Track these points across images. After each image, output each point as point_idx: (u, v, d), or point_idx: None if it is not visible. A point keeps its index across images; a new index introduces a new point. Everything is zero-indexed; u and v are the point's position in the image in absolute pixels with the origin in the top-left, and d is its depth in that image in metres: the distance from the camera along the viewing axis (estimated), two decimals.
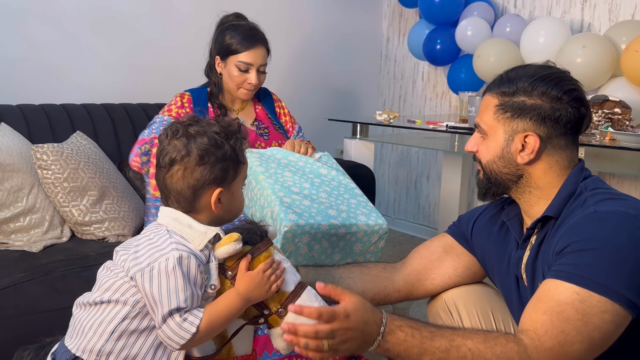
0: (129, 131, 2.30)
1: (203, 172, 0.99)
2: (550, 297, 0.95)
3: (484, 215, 1.29)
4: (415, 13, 3.33)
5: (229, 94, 1.93)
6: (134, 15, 2.56)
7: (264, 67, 1.89)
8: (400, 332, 0.97)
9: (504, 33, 2.66)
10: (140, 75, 2.60)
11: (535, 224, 1.10)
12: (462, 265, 1.30)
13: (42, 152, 1.82)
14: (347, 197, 1.53)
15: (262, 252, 1.05)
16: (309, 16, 3.23)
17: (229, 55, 1.86)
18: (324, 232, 1.38)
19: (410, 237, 3.50)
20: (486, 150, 1.13)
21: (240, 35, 1.85)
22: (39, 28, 2.33)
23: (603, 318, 0.91)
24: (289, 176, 1.55)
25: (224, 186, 1.01)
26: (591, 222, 0.98)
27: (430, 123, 2.45)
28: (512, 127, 1.08)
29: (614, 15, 2.56)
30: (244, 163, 1.05)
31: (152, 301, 0.94)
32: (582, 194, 1.05)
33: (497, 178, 1.13)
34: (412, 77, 3.50)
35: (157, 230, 1.00)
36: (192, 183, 1.00)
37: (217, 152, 0.99)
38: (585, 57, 2.22)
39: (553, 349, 0.92)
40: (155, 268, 0.93)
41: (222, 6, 2.05)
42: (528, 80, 1.07)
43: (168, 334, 0.93)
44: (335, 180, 1.60)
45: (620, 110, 1.98)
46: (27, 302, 1.59)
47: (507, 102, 1.08)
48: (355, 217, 1.44)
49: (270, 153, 1.66)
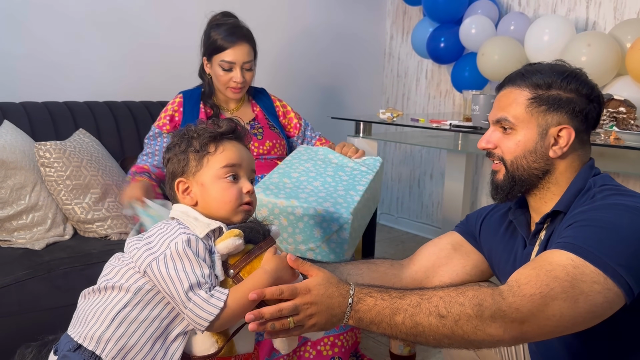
0: (132, 129, 2.30)
1: (168, 169, 1.08)
2: (543, 259, 0.95)
3: (493, 214, 1.29)
4: (419, 11, 3.32)
5: (221, 95, 1.92)
6: (137, 13, 2.56)
7: (249, 65, 1.85)
8: (369, 298, 0.96)
9: (508, 31, 2.65)
10: (143, 73, 2.60)
11: (544, 219, 1.10)
12: (471, 263, 1.29)
13: (44, 149, 1.82)
14: (342, 188, 1.56)
15: (265, 251, 1.05)
16: (312, 14, 3.22)
17: (213, 54, 1.85)
18: (280, 208, 1.43)
19: (413, 236, 3.49)
20: (514, 146, 1.10)
21: (223, 33, 1.84)
22: (42, 26, 2.33)
23: (592, 287, 0.89)
24: (304, 166, 1.61)
25: (185, 177, 1.06)
26: (596, 208, 0.99)
27: (433, 121, 2.44)
28: (546, 121, 1.08)
29: (619, 14, 2.54)
30: (212, 152, 1.05)
31: (171, 284, 0.94)
32: (591, 190, 1.06)
33: (524, 175, 1.10)
34: (415, 75, 3.49)
35: (169, 222, 1.03)
36: (166, 179, 1.09)
37: (176, 147, 1.06)
38: (590, 55, 2.21)
39: (533, 296, 0.89)
40: (168, 253, 0.95)
41: (225, 4, 2.05)
42: (560, 75, 1.08)
43: (196, 312, 0.92)
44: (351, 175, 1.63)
45: (625, 109, 1.96)
46: (29, 300, 1.59)
47: (542, 96, 1.08)
48: (321, 204, 1.46)
49: (317, 150, 1.78)
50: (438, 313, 0.92)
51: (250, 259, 1.05)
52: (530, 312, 0.89)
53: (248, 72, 1.87)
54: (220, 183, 1.05)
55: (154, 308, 0.98)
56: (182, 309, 0.94)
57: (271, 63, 1.94)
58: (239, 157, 1.07)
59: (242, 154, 1.08)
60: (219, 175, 1.05)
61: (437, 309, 0.93)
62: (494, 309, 0.90)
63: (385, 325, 0.95)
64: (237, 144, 1.09)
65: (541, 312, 0.89)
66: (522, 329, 0.90)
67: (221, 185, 1.05)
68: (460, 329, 0.91)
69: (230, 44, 1.82)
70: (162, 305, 0.98)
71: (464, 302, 0.92)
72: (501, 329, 0.90)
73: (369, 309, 0.95)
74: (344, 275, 1.27)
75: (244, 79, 1.85)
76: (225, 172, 1.05)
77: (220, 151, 1.06)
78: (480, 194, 3.20)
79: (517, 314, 0.89)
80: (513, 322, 0.89)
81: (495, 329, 0.90)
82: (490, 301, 0.90)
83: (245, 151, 1.10)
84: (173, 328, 1.00)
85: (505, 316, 0.89)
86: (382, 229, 3.60)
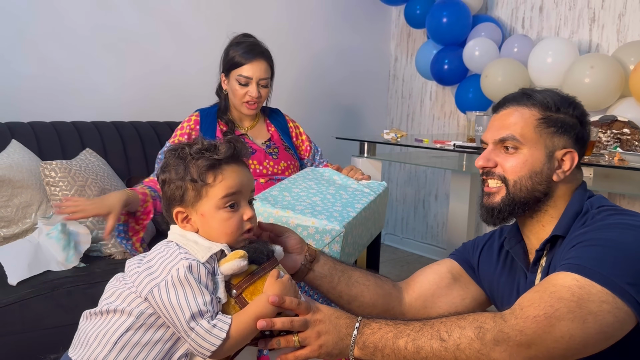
0: (138, 149, 2.32)
1: (165, 193, 1.04)
2: (547, 281, 0.92)
3: (489, 246, 1.26)
4: (423, 33, 3.36)
5: (237, 111, 1.94)
6: (145, 35, 2.60)
7: (265, 81, 1.88)
8: (374, 323, 0.97)
9: (511, 53, 2.67)
10: (150, 93, 2.63)
11: (544, 245, 1.08)
12: (470, 295, 1.26)
13: (50, 168, 1.84)
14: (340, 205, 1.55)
15: (268, 272, 1.05)
16: (319, 36, 3.27)
17: (231, 70, 1.88)
18: (275, 217, 1.43)
19: (418, 257, 3.47)
20: (520, 165, 1.07)
21: (242, 49, 1.88)
22: (50, 46, 2.37)
23: (601, 307, 0.86)
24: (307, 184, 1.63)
25: (184, 206, 1.02)
26: (598, 228, 0.98)
27: (437, 142, 2.44)
28: (553, 143, 1.07)
29: (622, 36, 2.56)
30: (211, 183, 1.01)
31: (173, 313, 0.93)
32: (589, 212, 1.04)
33: (525, 197, 1.07)
34: (420, 97, 3.51)
35: (168, 245, 1.01)
36: (165, 203, 1.05)
37: (172, 174, 1.02)
38: (594, 77, 2.22)
39: (537, 317, 0.85)
40: (169, 280, 0.94)
41: (233, 27, 2.08)
42: (566, 100, 1.09)
43: (198, 342, 0.92)
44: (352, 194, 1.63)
45: (629, 131, 1.97)
46: (32, 318, 1.59)
47: (552, 117, 1.07)
48: (316, 216, 1.45)
49: (323, 171, 1.78)
50: (439, 337, 0.91)
51: (254, 279, 1.04)
52: (535, 334, 0.86)
53: (264, 88, 1.89)
54: (221, 213, 1.02)
55: (157, 331, 0.97)
56: (185, 338, 0.93)
57: (277, 84, 1.95)
58: (239, 184, 1.04)
59: (241, 179, 1.04)
60: (218, 206, 1.02)
61: (439, 333, 0.92)
62: (495, 331, 0.88)
63: (389, 350, 0.94)
64: (235, 167, 1.05)
65: (548, 333, 0.86)
66: (530, 353, 0.87)
67: (222, 216, 1.02)
68: (462, 353, 0.89)
69: (247, 60, 1.86)
70: (165, 328, 0.97)
71: (464, 325, 0.90)
72: (506, 354, 0.87)
73: (373, 332, 0.95)
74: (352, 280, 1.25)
75: (259, 94, 1.87)
76: (225, 201, 1.02)
77: (219, 180, 1.02)
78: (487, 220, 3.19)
79: (521, 337, 0.86)
80: (519, 347, 0.86)
81: (500, 353, 0.87)
82: (491, 323, 0.89)
83: (244, 173, 1.06)
84: (175, 350, 0.99)
85: (509, 339, 0.87)
86: (386, 250, 3.58)
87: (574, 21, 2.72)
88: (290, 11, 3.12)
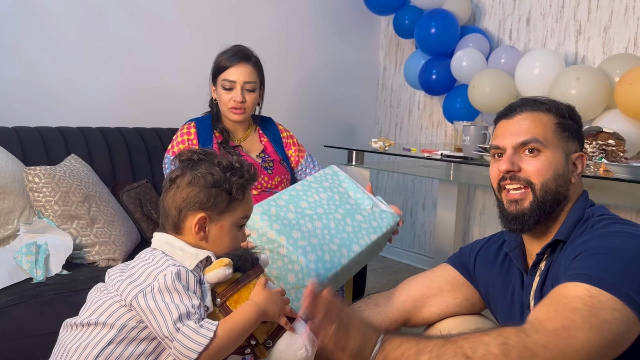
0: (124, 155, 2.30)
1: (190, 194, 1.01)
2: (557, 293, 0.92)
3: (487, 247, 1.27)
4: (412, 44, 3.38)
5: (228, 120, 1.92)
6: (132, 40, 2.59)
7: (250, 86, 1.85)
8: (396, 338, 0.96)
9: (498, 64, 2.69)
10: (137, 99, 2.61)
11: (545, 249, 1.09)
12: (462, 295, 1.28)
13: (33, 174, 1.82)
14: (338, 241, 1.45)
15: (252, 280, 1.04)
16: (308, 45, 3.27)
17: (217, 76, 1.87)
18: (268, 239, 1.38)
19: (405, 266, 3.47)
20: (546, 167, 1.06)
21: (227, 54, 1.87)
22: (37, 51, 2.34)
23: (613, 315, 0.86)
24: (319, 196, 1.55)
25: (209, 214, 1.01)
26: (600, 236, 0.99)
27: (425, 151, 2.45)
28: (568, 147, 1.10)
29: (607, 48, 2.59)
30: (240, 200, 1.04)
31: (159, 315, 0.91)
32: (590, 219, 1.06)
33: (552, 199, 1.06)
34: (408, 106, 3.53)
35: (153, 253, 1.00)
36: (179, 203, 1.01)
37: (208, 177, 1.01)
38: (579, 89, 2.24)
39: (556, 330, 0.86)
40: (156, 286, 0.93)
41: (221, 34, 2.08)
42: (570, 107, 1.13)
43: (184, 343, 0.90)
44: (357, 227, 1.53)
45: (614, 142, 1.99)
46: (13, 327, 1.56)
47: (566, 122, 1.10)
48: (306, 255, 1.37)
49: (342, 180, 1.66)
50: (464, 354, 0.88)
51: (238, 287, 1.03)
52: (557, 347, 0.85)
53: (250, 93, 1.85)
54: (235, 231, 1.05)
55: (139, 345, 0.95)
56: (169, 343, 0.91)
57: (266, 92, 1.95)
58: (252, 209, 1.10)
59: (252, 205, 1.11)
60: (236, 224, 1.05)
61: (462, 350, 0.89)
62: (520, 347, 0.86)
63: None
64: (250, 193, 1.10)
65: (569, 346, 0.85)
66: None
67: (235, 233, 1.05)
68: None
69: (232, 64, 1.84)
70: (147, 342, 0.96)
71: (488, 342, 0.88)
72: None
73: (394, 347, 0.94)
74: None
75: (244, 99, 1.84)
76: (242, 222, 1.07)
77: (245, 201, 1.06)
78: (472, 225, 3.20)
79: (545, 352, 0.85)
80: None
81: None
82: (515, 339, 0.87)
83: None
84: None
85: (534, 355, 0.85)
86: (374, 259, 3.58)
87: (561, 33, 2.75)
88: (280, 20, 3.12)
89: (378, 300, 1.31)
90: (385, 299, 1.31)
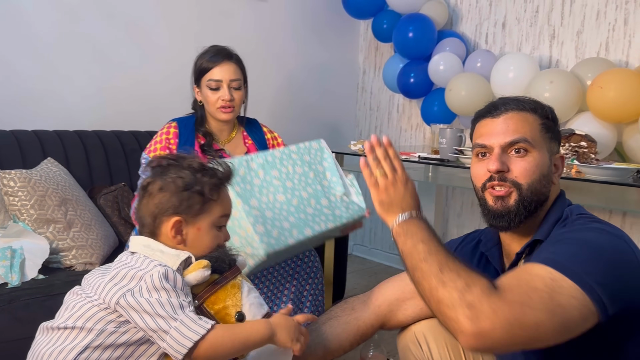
0: (101, 158, 2.28)
1: (162, 199, 1.00)
2: (524, 270, 0.94)
3: (462, 248, 1.27)
4: (390, 47, 3.41)
5: (214, 121, 1.92)
6: (109, 42, 2.57)
7: (236, 83, 1.86)
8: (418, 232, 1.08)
9: (475, 68, 2.74)
10: (114, 102, 2.59)
11: (524, 249, 1.10)
12: None
13: (9, 178, 1.79)
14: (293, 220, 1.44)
15: (230, 281, 1.05)
16: (288, 48, 3.28)
17: (201, 77, 1.87)
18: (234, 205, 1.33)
19: (386, 267, 3.49)
20: (533, 167, 1.06)
21: (208, 55, 1.87)
22: (11, 52, 2.31)
23: (570, 301, 0.88)
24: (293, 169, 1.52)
25: (184, 217, 1.01)
26: (576, 230, 1.01)
27: (403, 154, 2.48)
28: (551, 147, 1.10)
29: (580, 53, 2.65)
30: (215, 200, 1.03)
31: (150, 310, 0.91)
32: (568, 218, 1.07)
33: (537, 199, 1.07)
34: (387, 109, 3.56)
35: (134, 256, 0.99)
36: (152, 209, 1.01)
37: (178, 181, 1.01)
38: (553, 92, 2.29)
39: (513, 303, 0.86)
40: (144, 286, 0.92)
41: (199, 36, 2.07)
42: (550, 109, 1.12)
43: (182, 330, 0.89)
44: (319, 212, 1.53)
45: (586, 144, 2.03)
46: None
47: (548, 123, 1.10)
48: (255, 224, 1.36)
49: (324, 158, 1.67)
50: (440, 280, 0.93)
51: (215, 289, 1.03)
52: (505, 318, 0.85)
53: (236, 90, 1.86)
54: (214, 231, 1.05)
55: (116, 350, 0.94)
56: (162, 335, 0.90)
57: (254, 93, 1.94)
58: (231, 207, 1.08)
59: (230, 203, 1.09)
60: (215, 224, 1.04)
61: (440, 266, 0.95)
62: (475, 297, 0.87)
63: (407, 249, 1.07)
64: (228, 190, 1.08)
65: (517, 320, 0.86)
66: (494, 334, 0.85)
67: (214, 234, 1.05)
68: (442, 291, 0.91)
69: (215, 63, 1.84)
70: (124, 347, 0.94)
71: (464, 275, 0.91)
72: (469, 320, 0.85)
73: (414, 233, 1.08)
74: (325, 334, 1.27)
75: (231, 97, 1.84)
76: (221, 221, 1.06)
77: (221, 200, 1.05)
78: (451, 226, 3.24)
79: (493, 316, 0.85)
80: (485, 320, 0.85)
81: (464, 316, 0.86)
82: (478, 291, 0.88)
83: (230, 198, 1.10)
84: None
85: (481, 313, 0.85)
86: (354, 260, 3.60)
87: (535, 37, 2.81)
88: (258, 23, 3.13)
89: (354, 305, 1.32)
90: (362, 304, 1.32)
